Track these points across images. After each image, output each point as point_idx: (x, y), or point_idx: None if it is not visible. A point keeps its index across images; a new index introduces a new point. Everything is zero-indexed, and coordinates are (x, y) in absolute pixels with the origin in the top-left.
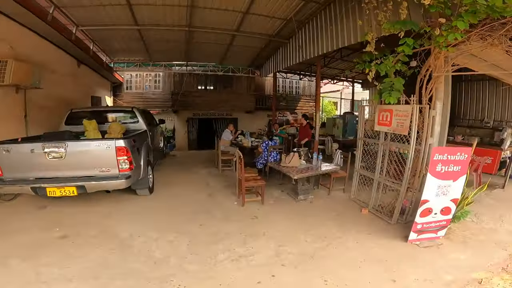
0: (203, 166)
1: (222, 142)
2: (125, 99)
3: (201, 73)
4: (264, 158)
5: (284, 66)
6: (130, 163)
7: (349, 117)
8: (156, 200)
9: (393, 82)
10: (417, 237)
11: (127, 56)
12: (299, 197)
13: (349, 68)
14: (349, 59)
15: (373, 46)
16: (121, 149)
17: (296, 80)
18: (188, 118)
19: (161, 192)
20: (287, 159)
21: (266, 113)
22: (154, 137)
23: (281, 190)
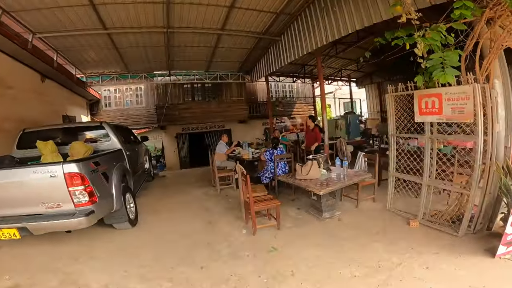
0: (198, 186)
1: (217, 156)
2: (104, 117)
3: (187, 83)
4: (271, 170)
5: (277, 67)
6: (90, 195)
7: (351, 117)
8: (141, 234)
9: (445, 58)
10: (507, 249)
11: (101, 68)
12: (323, 215)
13: (345, 65)
14: (344, 56)
15: (413, 14)
16: (74, 177)
17: (289, 83)
18: (177, 133)
19: (148, 222)
20: (304, 169)
21: (261, 121)
22: (136, 157)
23: (297, 208)
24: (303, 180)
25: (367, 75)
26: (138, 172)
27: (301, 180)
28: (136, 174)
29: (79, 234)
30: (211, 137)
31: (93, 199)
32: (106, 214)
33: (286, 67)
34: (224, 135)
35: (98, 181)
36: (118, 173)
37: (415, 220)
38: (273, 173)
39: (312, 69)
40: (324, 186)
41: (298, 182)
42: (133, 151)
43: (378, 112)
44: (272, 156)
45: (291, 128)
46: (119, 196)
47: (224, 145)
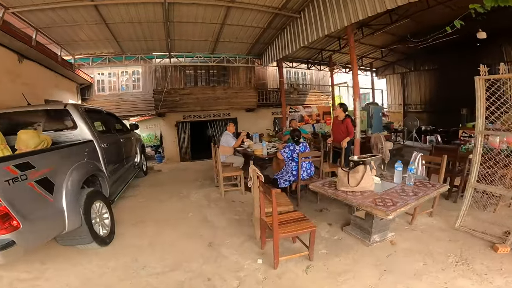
0: (198, 185)
1: (222, 150)
2: (97, 103)
3: (190, 65)
4: (292, 172)
5: (294, 48)
6: (7, 218)
7: (373, 109)
8: (114, 258)
9: None
10: None
11: (92, 49)
12: (372, 239)
13: (368, 52)
14: (367, 41)
15: None
16: None
17: (303, 70)
18: (178, 122)
19: (126, 239)
20: (353, 178)
21: (270, 110)
22: (119, 151)
23: (328, 224)
24: (351, 193)
25: (389, 65)
26: (121, 169)
27: (347, 193)
28: (117, 172)
29: (30, 256)
30: (215, 126)
31: (11, 225)
32: (49, 239)
33: (300, 52)
34: (230, 124)
35: (25, 194)
36: (77, 176)
37: (505, 246)
38: (295, 176)
39: (331, 54)
40: (390, 205)
41: (342, 196)
42: (116, 143)
43: (401, 105)
44: (294, 153)
45: (306, 118)
46: (75, 210)
47: (231, 137)
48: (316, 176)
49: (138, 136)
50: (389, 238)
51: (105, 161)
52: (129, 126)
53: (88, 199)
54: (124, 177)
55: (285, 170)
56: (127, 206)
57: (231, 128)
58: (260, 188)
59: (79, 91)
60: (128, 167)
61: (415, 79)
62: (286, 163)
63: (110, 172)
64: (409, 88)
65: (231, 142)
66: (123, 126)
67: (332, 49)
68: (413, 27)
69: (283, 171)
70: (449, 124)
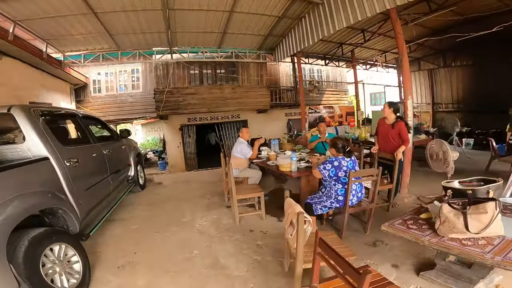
0: (205, 204)
1: (235, 162)
2: (93, 105)
3: (194, 62)
4: (337, 197)
5: (312, 41)
6: None
7: (403, 108)
8: None
9: None
10: None
11: (83, 45)
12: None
13: (393, 46)
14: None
15: None
16: None
17: (318, 68)
18: (182, 125)
19: None
20: (475, 221)
21: (283, 111)
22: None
23: (393, 265)
24: (472, 242)
25: (414, 61)
26: (104, 189)
27: (464, 243)
28: (97, 195)
29: None
30: (224, 129)
31: None
32: None
33: (317, 47)
34: (244, 130)
35: None
36: (8, 218)
37: None
38: (341, 202)
39: (352, 49)
40: None
41: (457, 248)
42: (95, 156)
43: (429, 104)
44: (339, 171)
45: (328, 120)
46: None
47: (246, 145)
48: (366, 199)
49: (134, 143)
50: (496, 282)
51: (72, 184)
52: (119, 132)
53: (34, 246)
54: (110, 199)
55: (325, 193)
56: (115, 235)
57: (245, 134)
58: (320, 250)
59: (73, 92)
60: (117, 184)
61: (446, 76)
62: (327, 185)
63: (82, 198)
64: (438, 86)
65: (246, 152)
66: (112, 132)
67: (355, 43)
68: (449, 19)
69: (321, 194)
70: (488, 125)
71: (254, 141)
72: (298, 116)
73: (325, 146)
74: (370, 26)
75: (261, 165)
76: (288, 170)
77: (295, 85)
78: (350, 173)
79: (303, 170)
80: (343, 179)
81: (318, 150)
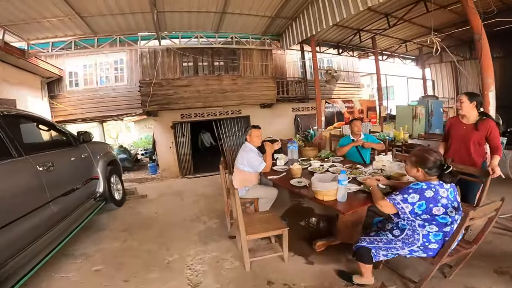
0: (199, 232)
1: (240, 178)
2: (69, 100)
3: (187, 48)
4: (426, 244)
5: (327, 24)
6: None
7: (434, 104)
8: None
9: None
10: None
11: (51, 31)
12: None
13: (416, 35)
14: (419, 20)
15: None
16: None
17: (329, 58)
18: (174, 122)
19: None
20: None
21: (290, 106)
22: (31, 187)
23: None
24: None
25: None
26: (40, 221)
27: None
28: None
29: None
30: (224, 126)
31: None
32: None
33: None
34: (253, 132)
35: None
36: None
37: None
38: (432, 252)
39: (373, 35)
40: None
41: None
42: (18, 178)
43: (452, 99)
44: (435, 205)
45: (346, 116)
46: None
47: (256, 154)
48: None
49: (105, 148)
50: None
51: None
52: (77, 135)
53: None
54: (56, 233)
55: (400, 237)
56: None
57: (254, 138)
58: None
59: (45, 87)
60: (69, 209)
61: (472, 69)
62: (406, 224)
63: None
64: (463, 79)
65: (256, 163)
66: (66, 137)
67: (375, 29)
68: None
69: (391, 238)
70: None
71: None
72: (306, 111)
73: (362, 152)
74: (395, 10)
75: (280, 184)
76: (332, 200)
77: (304, 76)
78: (466, 212)
79: (355, 198)
80: (442, 219)
81: (351, 157)
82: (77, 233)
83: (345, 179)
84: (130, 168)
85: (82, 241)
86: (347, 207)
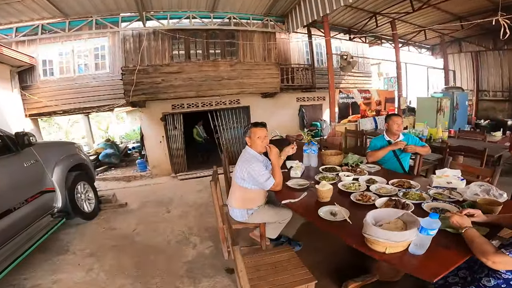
0: (188, 262)
1: (239, 197)
2: (43, 91)
3: (178, 30)
4: None
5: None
6: None
7: (459, 96)
8: None
9: None
10: None
11: (14, 16)
12: None
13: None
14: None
15: None
16: None
17: (337, 45)
18: (165, 114)
19: None
20: None
21: (294, 95)
22: None
23: None
24: None
25: (454, 42)
26: None
27: None
28: None
29: None
30: (222, 118)
31: None
32: None
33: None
34: (256, 132)
35: None
36: None
37: None
38: None
39: (392, 20)
40: None
41: None
42: None
43: (472, 91)
44: None
45: (362, 108)
46: None
47: (260, 163)
48: None
49: (68, 150)
50: None
51: None
52: (16, 137)
53: None
54: None
55: None
56: None
57: (256, 142)
58: None
59: (16, 77)
60: (6, 233)
61: (495, 60)
62: None
63: None
64: (485, 71)
65: (262, 178)
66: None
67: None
68: None
69: None
70: None
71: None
72: (312, 101)
73: (401, 157)
74: None
75: (300, 214)
76: (400, 252)
77: (311, 62)
78: None
79: (437, 247)
80: None
81: (387, 164)
82: (33, 256)
83: (435, 227)
84: (117, 164)
85: (38, 267)
86: (427, 265)
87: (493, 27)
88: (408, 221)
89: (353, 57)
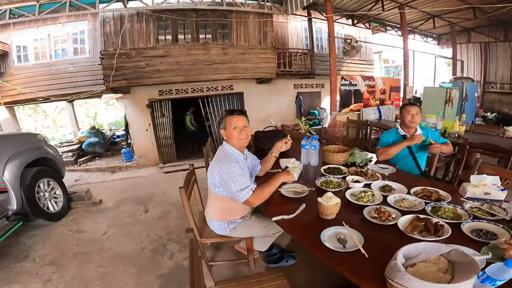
0: (161, 277)
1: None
2: (17, 78)
3: (163, 10)
4: None
5: None
6: None
7: (469, 86)
8: None
9: None
10: None
11: None
12: None
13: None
14: None
15: None
16: None
17: (338, 30)
18: (151, 100)
19: None
20: None
21: (291, 82)
22: None
23: None
24: None
25: (462, 32)
26: None
27: None
28: None
29: None
30: (214, 105)
31: None
32: None
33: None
34: (229, 121)
35: None
36: None
37: None
38: None
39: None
40: None
41: None
42: None
43: (478, 83)
44: None
45: (366, 97)
46: None
47: (237, 164)
48: None
49: (26, 142)
50: None
51: None
52: None
53: None
54: None
55: None
56: None
57: (232, 131)
58: None
59: None
60: None
61: (505, 51)
62: None
63: None
64: (493, 63)
65: (233, 186)
66: None
67: None
68: None
69: None
70: None
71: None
72: (310, 88)
73: (417, 155)
74: None
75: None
76: None
77: (311, 47)
78: None
79: None
80: None
81: (400, 164)
82: None
83: (506, 278)
84: (102, 154)
85: None
86: None
87: (506, 17)
88: (457, 262)
89: (358, 41)
